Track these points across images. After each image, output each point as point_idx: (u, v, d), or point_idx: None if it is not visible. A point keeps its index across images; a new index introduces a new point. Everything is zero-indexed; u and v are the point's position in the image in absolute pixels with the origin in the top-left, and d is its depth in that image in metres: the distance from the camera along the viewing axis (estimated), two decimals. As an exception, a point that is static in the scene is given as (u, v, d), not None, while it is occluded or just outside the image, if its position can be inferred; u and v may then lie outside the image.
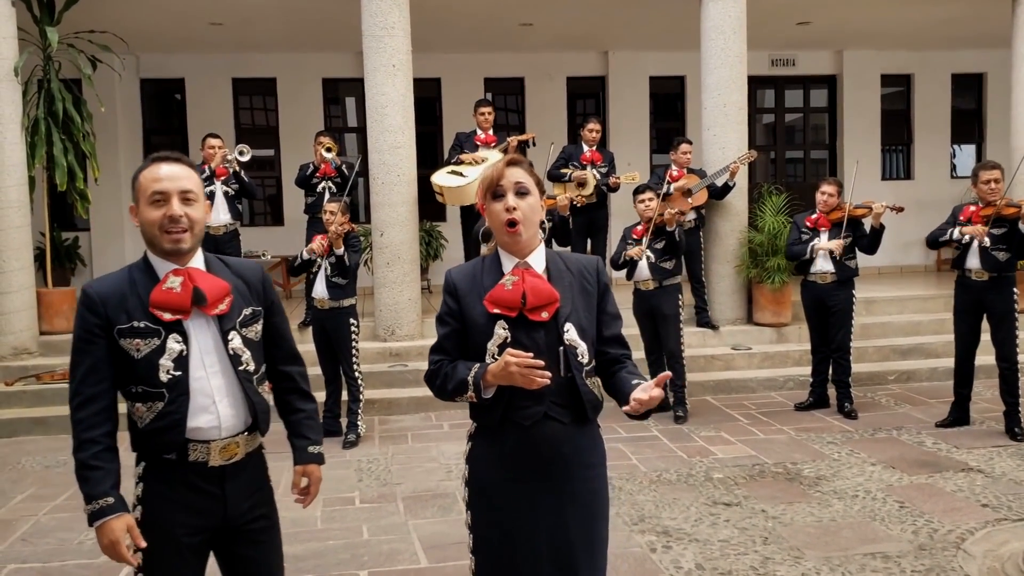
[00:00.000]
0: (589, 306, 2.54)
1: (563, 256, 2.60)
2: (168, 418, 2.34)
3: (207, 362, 2.39)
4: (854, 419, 6.83)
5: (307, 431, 2.65)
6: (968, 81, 13.35)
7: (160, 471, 2.40)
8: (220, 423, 2.39)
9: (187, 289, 2.36)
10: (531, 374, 2.32)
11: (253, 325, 2.50)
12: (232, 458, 2.43)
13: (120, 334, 2.35)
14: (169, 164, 2.40)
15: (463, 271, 2.60)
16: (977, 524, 4.64)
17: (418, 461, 6.08)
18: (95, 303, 2.36)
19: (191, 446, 2.37)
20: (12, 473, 6.11)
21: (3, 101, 7.81)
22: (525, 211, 2.47)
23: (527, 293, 2.44)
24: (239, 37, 10.82)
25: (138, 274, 2.43)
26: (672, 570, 4.17)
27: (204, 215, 2.45)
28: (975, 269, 6.25)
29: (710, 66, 8.66)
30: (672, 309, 6.92)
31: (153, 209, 2.37)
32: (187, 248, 2.40)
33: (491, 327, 2.47)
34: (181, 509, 2.38)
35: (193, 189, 2.40)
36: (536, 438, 2.46)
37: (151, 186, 2.37)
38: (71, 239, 11.29)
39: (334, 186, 8.65)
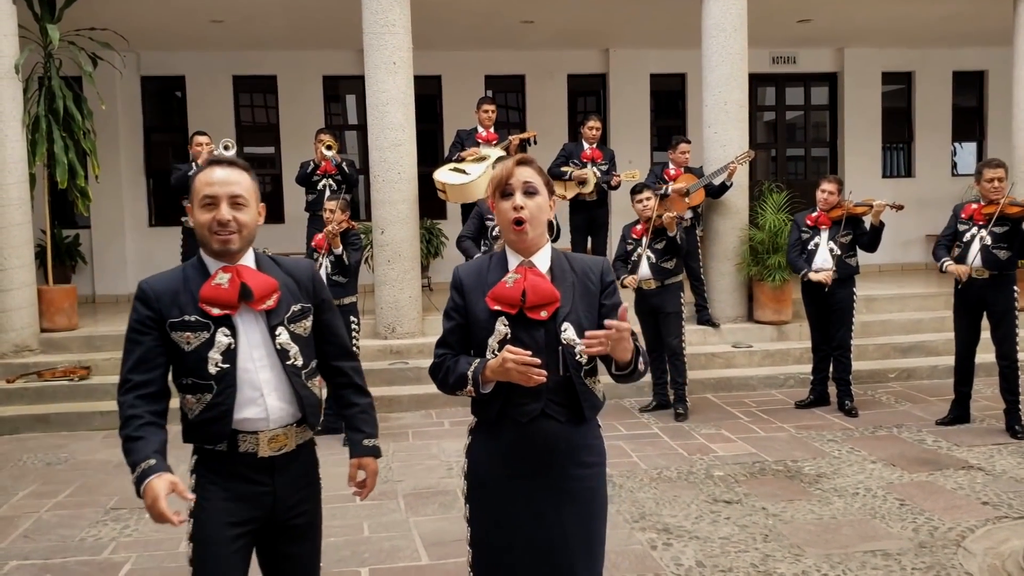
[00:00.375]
0: (591, 306, 2.55)
1: (569, 256, 2.62)
2: (216, 409, 2.41)
3: (255, 356, 2.46)
4: (855, 417, 6.83)
5: (362, 424, 2.69)
6: (969, 78, 13.33)
7: (212, 462, 2.47)
8: (268, 414, 2.45)
9: (235, 285, 2.43)
10: (528, 371, 2.37)
11: (302, 321, 2.55)
12: (281, 449, 2.48)
13: (171, 327, 2.43)
14: (223, 168, 2.47)
15: (470, 267, 2.65)
16: (977, 522, 4.64)
17: (419, 458, 6.09)
18: (149, 298, 2.45)
19: (240, 437, 2.44)
20: (13, 470, 6.12)
21: (4, 98, 7.81)
22: (532, 210, 2.50)
23: (527, 291, 2.47)
24: (240, 34, 10.81)
25: (191, 271, 2.50)
26: (673, 567, 4.17)
27: (256, 218, 2.52)
28: (976, 267, 6.26)
29: (711, 64, 8.66)
30: (674, 307, 6.93)
31: (204, 212, 2.44)
32: (235, 249, 2.46)
33: (492, 323, 2.51)
34: (232, 499, 2.45)
35: (243, 193, 2.46)
36: (533, 435, 2.49)
37: (203, 189, 2.44)
38: (72, 237, 11.28)
39: (334, 183, 8.66)
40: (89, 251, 11.57)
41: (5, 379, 7.60)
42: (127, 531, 4.85)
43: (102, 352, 8.10)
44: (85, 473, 5.98)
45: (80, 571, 4.34)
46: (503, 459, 2.52)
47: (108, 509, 5.22)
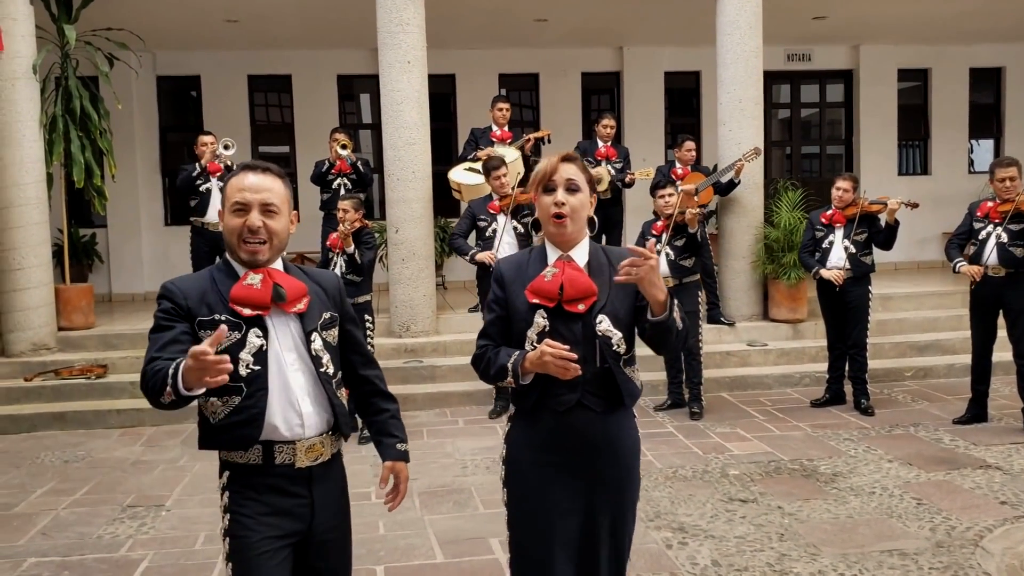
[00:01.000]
0: (627, 299, 2.60)
1: (606, 250, 2.69)
2: (245, 412, 2.31)
3: (288, 359, 2.38)
4: (871, 416, 6.80)
5: (394, 429, 2.66)
6: (986, 75, 13.24)
7: (246, 476, 2.37)
8: (304, 421, 2.37)
9: (267, 285, 2.35)
10: (565, 365, 2.42)
11: (331, 329, 2.50)
12: (318, 459, 2.41)
13: (201, 325, 2.33)
14: (256, 174, 2.38)
15: (511, 261, 2.73)
16: (995, 522, 4.61)
17: (434, 457, 6.10)
18: (175, 294, 2.36)
19: (277, 447, 2.35)
20: (32, 468, 6.17)
21: (22, 99, 7.86)
22: (574, 206, 2.56)
23: (565, 285, 2.54)
24: (255, 34, 10.85)
25: (219, 274, 2.42)
26: (688, 566, 4.16)
27: (287, 227, 2.43)
28: (992, 265, 6.23)
29: (726, 61, 8.63)
30: (692, 306, 6.89)
31: (234, 217, 2.36)
32: (264, 260, 2.38)
33: (531, 316, 2.57)
34: (271, 513, 2.35)
35: (276, 202, 2.38)
36: (569, 424, 2.56)
37: (234, 195, 2.37)
38: (88, 236, 11.35)
39: (349, 183, 8.69)
40: (106, 250, 11.65)
41: (23, 377, 7.65)
42: (144, 528, 4.88)
43: (119, 350, 8.15)
44: (102, 471, 6.02)
45: (98, 568, 4.37)
46: (539, 446, 2.60)
47: (125, 507, 5.25)
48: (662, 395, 7.38)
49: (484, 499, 5.17)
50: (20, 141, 7.85)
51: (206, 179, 8.35)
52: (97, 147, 8.67)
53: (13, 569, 4.39)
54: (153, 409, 6.90)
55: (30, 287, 7.91)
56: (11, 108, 7.82)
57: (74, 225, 10.61)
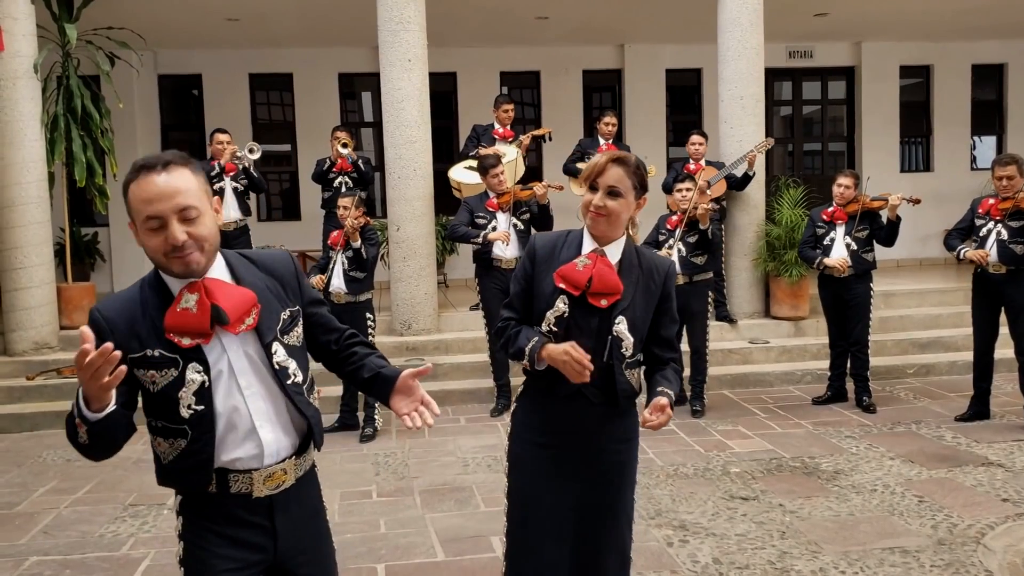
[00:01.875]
0: (648, 305, 2.70)
1: (640, 252, 2.75)
2: (193, 458, 2.06)
3: (243, 384, 2.08)
4: (872, 413, 6.79)
5: (382, 362, 2.31)
6: (988, 72, 13.22)
7: (200, 504, 2.14)
8: (263, 449, 2.11)
9: (204, 308, 2.01)
10: (582, 372, 2.53)
11: (294, 330, 2.19)
12: (279, 486, 2.14)
13: (133, 364, 2.02)
14: (158, 174, 1.97)
15: (547, 239, 2.78)
16: (997, 519, 4.60)
17: (435, 455, 6.10)
18: (101, 328, 2.01)
19: (232, 476, 2.09)
20: (34, 466, 6.18)
21: (23, 98, 7.86)
22: (612, 209, 2.62)
23: (594, 278, 2.62)
24: (256, 33, 10.85)
25: (150, 292, 2.07)
26: (689, 564, 4.16)
27: (214, 222, 2.06)
28: (992, 262, 6.22)
29: (727, 58, 8.62)
30: (701, 307, 6.88)
31: (152, 236, 1.99)
32: (202, 269, 2.04)
33: (554, 298, 2.66)
34: (227, 544, 2.12)
35: (194, 203, 1.99)
36: (567, 410, 2.68)
37: (143, 209, 1.97)
38: (90, 235, 11.38)
39: (350, 181, 8.69)
40: (107, 249, 11.66)
41: (25, 376, 7.66)
42: (145, 527, 4.88)
43: (120, 349, 8.15)
44: (104, 470, 6.02)
45: (99, 567, 4.38)
46: (538, 427, 2.72)
47: (127, 505, 5.25)
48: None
49: (485, 497, 5.17)
50: (22, 140, 7.85)
51: (219, 178, 8.33)
52: (99, 146, 8.68)
53: (15, 567, 4.39)
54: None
55: (32, 286, 7.92)
56: (12, 107, 7.82)
57: (76, 224, 10.62)
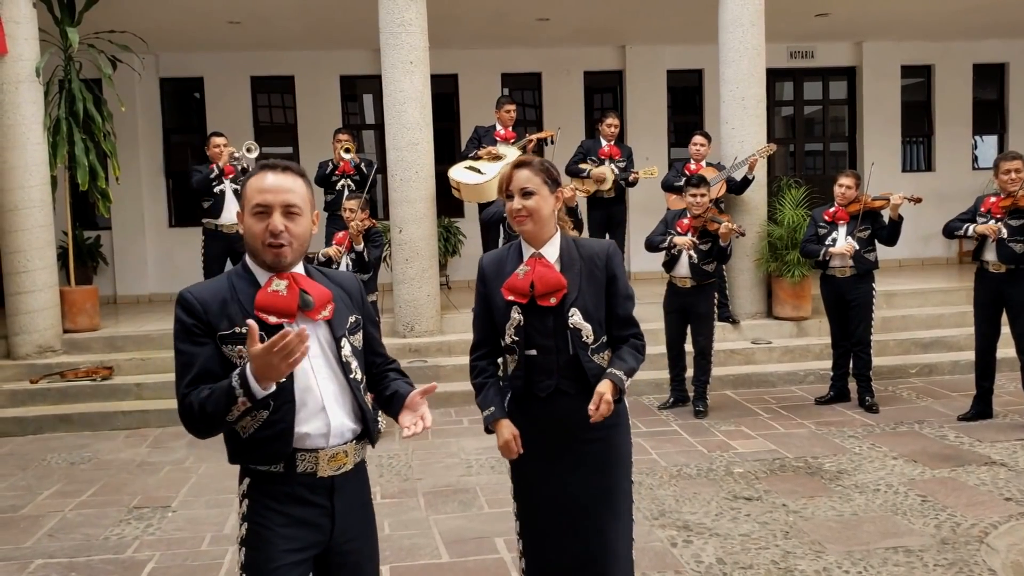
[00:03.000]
0: (597, 291, 2.83)
1: (578, 243, 2.89)
2: (274, 427, 2.23)
3: (315, 366, 2.30)
4: (875, 413, 6.79)
5: (405, 384, 2.52)
6: (990, 71, 13.21)
7: (267, 485, 2.29)
8: (330, 430, 2.29)
9: (293, 292, 2.26)
10: (509, 448, 2.82)
11: (357, 333, 2.43)
12: (341, 468, 2.32)
13: (222, 340, 2.25)
14: (276, 174, 2.28)
15: (492, 257, 2.95)
16: (1000, 518, 4.60)
17: (438, 457, 6.10)
18: (193, 306, 2.25)
19: (299, 456, 2.27)
20: (38, 469, 6.19)
21: (25, 102, 7.88)
22: (529, 208, 2.77)
23: (535, 282, 2.77)
24: (257, 35, 10.86)
25: (238, 280, 2.31)
26: (693, 564, 4.17)
27: (310, 229, 2.33)
28: (992, 261, 6.24)
29: (728, 59, 8.62)
30: (707, 308, 6.89)
31: (255, 221, 2.26)
32: (288, 263, 2.28)
33: (508, 311, 2.82)
34: (290, 524, 2.27)
35: (298, 203, 2.28)
36: (551, 408, 2.83)
37: (255, 197, 2.26)
38: (93, 238, 11.39)
39: (353, 184, 8.70)
40: (110, 252, 11.67)
41: (29, 379, 7.68)
42: (150, 530, 4.89)
43: (124, 352, 8.17)
44: (108, 472, 6.04)
45: (104, 569, 4.39)
46: (529, 427, 2.85)
47: (131, 508, 5.27)
48: (666, 393, 7.37)
49: (489, 499, 5.17)
50: (24, 144, 7.87)
51: (220, 181, 8.35)
52: (101, 149, 8.69)
53: (20, 570, 4.40)
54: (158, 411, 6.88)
55: (35, 290, 7.93)
56: (15, 111, 7.84)
57: (78, 227, 10.63)
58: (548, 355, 2.80)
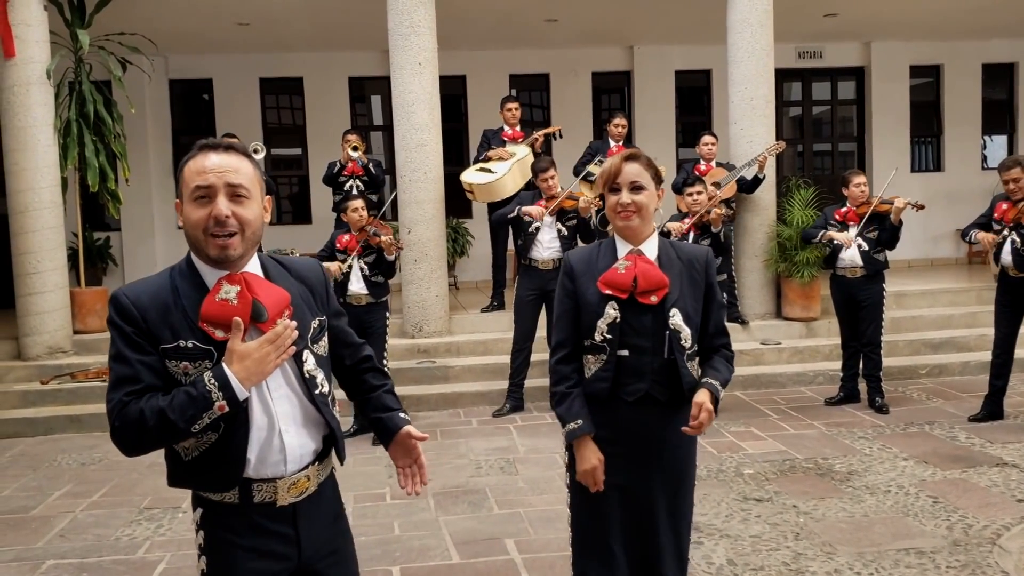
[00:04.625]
0: (696, 295, 2.74)
1: (675, 246, 2.79)
2: (223, 451, 2.00)
3: (271, 386, 2.04)
4: (885, 414, 6.77)
5: (390, 402, 2.31)
6: (999, 71, 13.16)
7: (222, 516, 2.07)
8: (286, 456, 2.06)
9: (245, 300, 1.98)
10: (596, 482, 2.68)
11: (322, 339, 2.17)
12: (303, 493, 2.10)
13: (165, 354, 1.98)
14: (217, 153, 2.00)
15: (580, 254, 2.82)
16: (1013, 520, 4.58)
17: (448, 457, 6.11)
18: (128, 312, 1.98)
19: (255, 486, 2.04)
20: (49, 470, 6.21)
21: (36, 104, 7.91)
22: (639, 203, 2.66)
23: (638, 277, 2.66)
24: (266, 37, 10.89)
25: (181, 281, 2.03)
26: (704, 566, 4.16)
27: (262, 215, 2.05)
28: (1008, 266, 6.21)
29: (736, 59, 8.61)
30: None
31: (196, 208, 1.97)
32: (236, 256, 2.00)
33: (602, 307, 2.69)
34: (251, 556, 2.05)
35: (244, 183, 2.00)
36: (637, 414, 2.70)
37: (194, 179, 1.98)
38: (103, 239, 11.42)
39: (361, 184, 8.71)
40: (120, 253, 11.72)
41: (39, 380, 7.70)
42: (161, 530, 4.91)
43: (134, 353, 8.18)
44: (118, 473, 6.06)
45: (115, 570, 4.40)
46: (607, 436, 2.71)
47: (142, 509, 5.28)
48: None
49: (499, 499, 5.17)
50: (35, 146, 7.90)
51: None
52: (111, 151, 8.72)
53: (32, 571, 4.42)
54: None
55: (46, 291, 7.96)
56: (26, 113, 7.87)
57: (88, 228, 10.66)
58: (642, 356, 2.67)
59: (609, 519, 2.73)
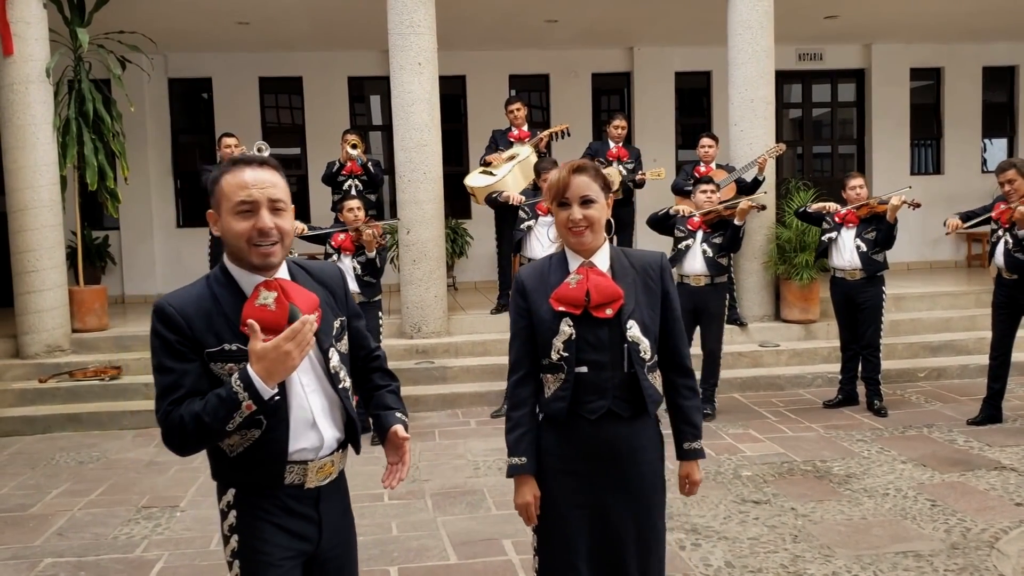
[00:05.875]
0: (652, 303, 2.62)
1: (627, 253, 2.69)
2: (267, 447, 2.16)
3: (304, 381, 2.21)
4: (884, 416, 6.77)
5: (392, 402, 2.46)
6: (999, 74, 13.16)
7: (253, 497, 2.22)
8: (323, 442, 2.23)
9: (283, 306, 2.12)
10: (528, 516, 2.62)
11: (343, 339, 2.34)
12: (328, 478, 2.28)
13: (210, 358, 2.13)
14: (254, 169, 2.15)
15: (531, 270, 2.69)
16: (1011, 523, 4.59)
17: (446, 458, 6.10)
18: (175, 321, 2.12)
19: (288, 468, 2.20)
20: (47, 469, 6.20)
21: (35, 102, 7.91)
22: (591, 217, 2.55)
23: (591, 291, 2.54)
24: (266, 36, 10.88)
25: (220, 289, 2.18)
26: (702, 568, 4.16)
27: (293, 225, 2.23)
28: (1001, 268, 6.22)
29: (737, 61, 8.61)
30: (719, 309, 6.84)
31: (239, 220, 2.12)
32: (277, 262, 2.18)
33: (557, 324, 2.57)
34: (280, 533, 2.22)
35: (283, 197, 2.17)
36: (599, 432, 2.58)
37: (237, 194, 2.12)
38: (101, 238, 11.40)
39: (360, 184, 8.70)
40: (118, 252, 11.70)
41: (37, 379, 7.70)
42: (159, 529, 4.90)
43: (132, 352, 8.19)
44: (116, 472, 6.05)
45: (113, 568, 4.40)
46: (569, 455, 2.61)
47: (140, 507, 5.28)
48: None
49: (497, 500, 5.17)
50: (34, 144, 7.89)
51: None
52: (110, 149, 8.71)
53: (30, 569, 4.42)
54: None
55: (44, 289, 7.95)
56: (25, 111, 7.87)
57: (87, 227, 10.65)
58: (602, 372, 2.55)
59: (576, 543, 2.60)
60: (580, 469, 2.60)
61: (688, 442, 2.67)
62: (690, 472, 2.65)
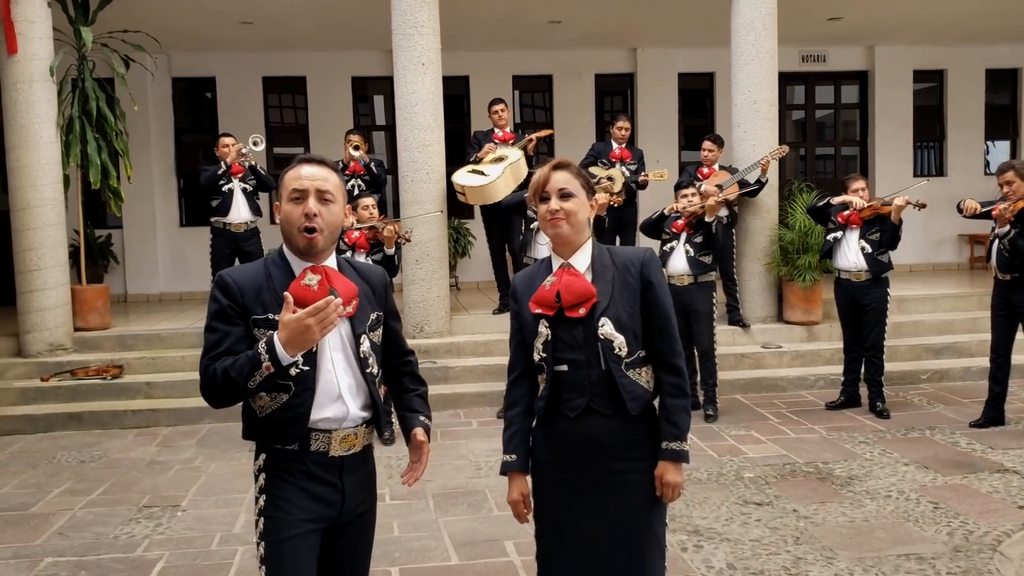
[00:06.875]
0: (632, 299, 2.62)
1: (611, 251, 2.70)
2: (292, 411, 2.40)
3: (335, 359, 2.46)
4: (886, 418, 6.76)
5: (418, 406, 2.68)
6: (1002, 76, 13.14)
7: (282, 461, 2.45)
8: (347, 414, 2.46)
9: (324, 288, 2.41)
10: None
11: (377, 329, 2.58)
12: (351, 449, 2.49)
13: (255, 324, 2.42)
14: (311, 165, 2.48)
15: (524, 274, 2.79)
16: (1014, 526, 4.57)
17: (448, 458, 6.10)
18: (230, 288, 2.43)
19: (313, 435, 2.43)
20: (48, 467, 6.20)
21: (39, 100, 7.91)
22: (568, 209, 2.60)
23: (561, 291, 2.59)
24: (269, 36, 10.89)
25: (274, 268, 2.48)
26: (703, 569, 4.15)
27: (341, 219, 2.50)
28: (996, 268, 6.22)
29: (740, 62, 8.61)
30: (706, 307, 6.86)
31: (292, 206, 2.43)
32: (319, 249, 2.45)
33: (536, 326, 2.64)
34: (305, 497, 2.44)
35: (331, 190, 2.46)
36: (582, 429, 2.60)
37: (292, 184, 2.45)
38: (104, 236, 11.41)
39: (363, 184, 8.71)
40: (121, 251, 11.70)
41: (40, 377, 7.70)
42: (160, 529, 4.90)
43: (134, 351, 8.19)
44: (118, 471, 6.05)
45: (114, 568, 4.39)
46: (556, 451, 2.66)
47: (141, 507, 5.27)
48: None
49: (499, 501, 5.16)
50: (37, 143, 7.90)
51: (228, 180, 8.38)
52: (113, 148, 8.71)
53: (30, 568, 4.42)
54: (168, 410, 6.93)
55: (47, 288, 7.96)
56: (29, 110, 7.88)
57: (90, 226, 10.64)
58: (579, 371, 2.58)
59: (566, 541, 2.64)
60: (567, 466, 2.63)
61: (667, 441, 2.60)
62: (664, 472, 2.58)
